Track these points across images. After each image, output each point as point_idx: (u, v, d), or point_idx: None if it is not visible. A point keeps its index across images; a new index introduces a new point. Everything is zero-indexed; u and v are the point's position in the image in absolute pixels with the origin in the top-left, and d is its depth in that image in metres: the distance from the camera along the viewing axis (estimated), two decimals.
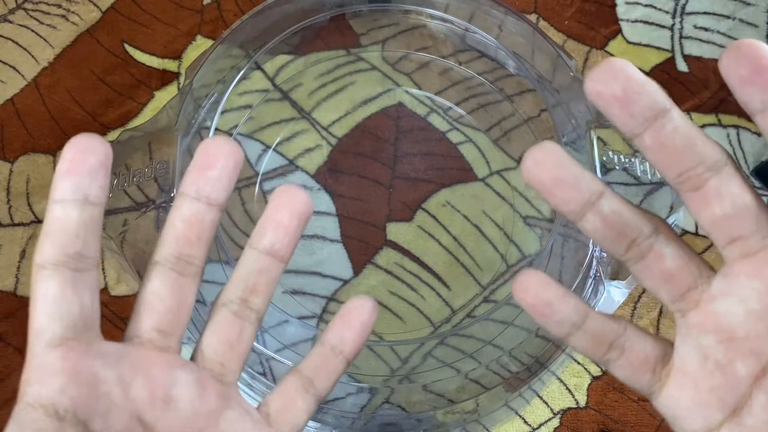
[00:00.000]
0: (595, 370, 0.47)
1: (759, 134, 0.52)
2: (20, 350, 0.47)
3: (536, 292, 0.21)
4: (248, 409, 0.24)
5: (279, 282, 0.24)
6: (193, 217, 0.22)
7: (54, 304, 0.20)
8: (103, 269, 0.49)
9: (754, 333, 0.20)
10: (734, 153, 0.52)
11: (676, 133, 0.19)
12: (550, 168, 0.20)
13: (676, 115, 0.19)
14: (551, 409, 0.46)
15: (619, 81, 0.19)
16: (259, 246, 0.23)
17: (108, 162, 0.20)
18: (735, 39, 0.55)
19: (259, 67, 0.52)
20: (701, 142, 0.20)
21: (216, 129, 0.48)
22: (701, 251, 0.49)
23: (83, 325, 0.21)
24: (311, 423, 0.43)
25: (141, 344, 0.22)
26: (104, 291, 0.48)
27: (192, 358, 0.24)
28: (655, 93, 0.19)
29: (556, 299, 0.21)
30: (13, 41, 0.55)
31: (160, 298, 0.22)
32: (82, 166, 0.20)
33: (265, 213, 0.24)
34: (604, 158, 0.45)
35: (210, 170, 0.22)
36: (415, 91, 0.52)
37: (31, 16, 0.55)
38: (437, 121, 0.51)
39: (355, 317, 0.24)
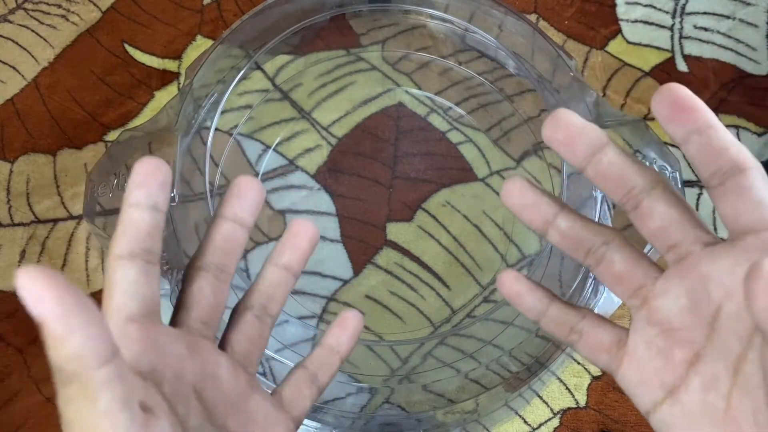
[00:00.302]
0: (595, 371, 0.47)
1: (759, 134, 0.52)
2: (20, 350, 0.47)
3: (510, 285, 0.28)
4: (267, 395, 0.28)
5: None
6: (228, 235, 0.27)
7: (133, 286, 0.23)
8: (103, 269, 0.49)
9: (687, 324, 0.24)
10: None
11: (611, 165, 0.24)
12: (515, 196, 0.26)
13: (611, 150, 0.24)
14: (551, 409, 0.46)
15: (562, 128, 0.24)
16: (278, 263, 0.29)
17: (170, 181, 0.24)
18: (735, 39, 0.55)
19: (259, 67, 0.52)
20: (633, 171, 0.24)
21: (216, 129, 0.48)
22: None
23: (152, 307, 0.24)
24: (312, 423, 0.43)
25: (189, 331, 0.26)
26: None
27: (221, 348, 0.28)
28: (591, 135, 0.24)
29: (525, 291, 0.28)
30: (13, 41, 0.55)
31: (204, 296, 0.27)
32: (153, 180, 0.24)
33: (284, 237, 0.29)
34: None
35: (244, 199, 0.27)
36: (415, 91, 0.52)
37: (31, 16, 0.56)
38: (437, 121, 0.51)
39: (350, 323, 0.30)
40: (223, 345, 0.28)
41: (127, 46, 0.54)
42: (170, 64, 0.54)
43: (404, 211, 0.49)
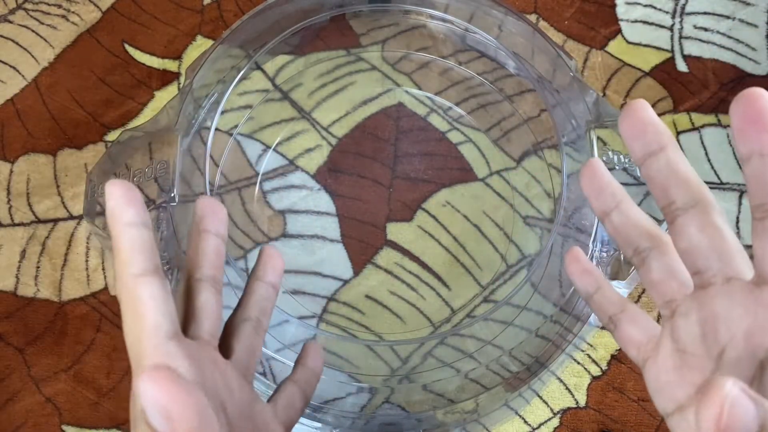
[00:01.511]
0: (595, 370, 0.47)
1: None
2: (20, 350, 0.47)
3: (575, 262, 0.30)
4: (266, 404, 0.29)
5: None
6: (217, 248, 0.29)
7: (164, 303, 0.24)
8: (103, 269, 0.49)
9: (697, 353, 0.24)
10: (734, 153, 0.52)
11: (659, 171, 0.24)
12: (589, 178, 0.27)
13: (666, 154, 0.24)
14: (551, 409, 0.46)
15: (635, 118, 0.24)
16: (264, 279, 0.32)
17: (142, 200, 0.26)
18: (735, 39, 0.55)
19: (259, 67, 0.52)
20: (676, 182, 0.24)
21: (216, 129, 0.48)
22: None
23: (177, 322, 0.25)
24: (312, 423, 0.43)
25: (206, 344, 0.27)
26: (104, 291, 0.48)
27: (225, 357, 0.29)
28: (659, 131, 0.24)
29: (583, 271, 0.30)
30: (13, 41, 0.55)
31: (212, 307, 0.28)
32: (134, 200, 0.24)
33: (262, 259, 0.32)
34: (604, 158, 0.45)
35: (218, 215, 0.30)
36: (415, 91, 0.52)
37: (31, 17, 0.56)
38: (437, 121, 0.51)
39: (318, 353, 0.34)
40: (226, 355, 0.29)
41: (127, 46, 0.54)
42: (170, 64, 0.54)
43: (404, 211, 0.49)
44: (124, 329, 0.24)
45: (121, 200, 0.24)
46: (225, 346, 0.29)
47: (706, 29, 0.56)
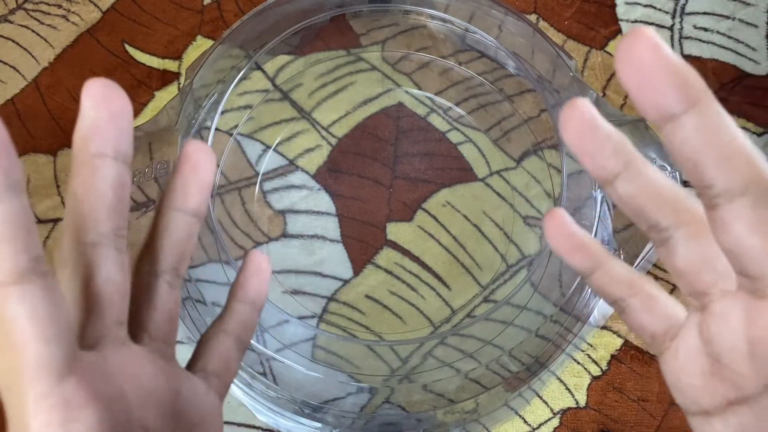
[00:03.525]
0: (595, 370, 0.47)
1: (759, 134, 0.52)
2: None
3: (556, 237, 0.24)
4: (191, 377, 0.24)
5: (278, 281, 0.28)
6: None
7: (49, 318, 0.18)
8: None
9: (735, 366, 0.19)
10: None
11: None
12: (574, 126, 0.19)
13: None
14: (551, 409, 0.46)
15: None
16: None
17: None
18: (735, 39, 0.55)
19: (259, 67, 0.52)
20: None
21: (216, 129, 0.48)
22: None
23: (72, 332, 0.20)
24: (312, 423, 0.43)
25: (109, 342, 0.21)
26: None
27: (136, 340, 0.23)
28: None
29: (565, 248, 0.24)
30: (13, 41, 0.55)
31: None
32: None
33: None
34: None
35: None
36: (415, 91, 0.52)
37: (31, 17, 0.56)
38: (437, 121, 0.51)
39: (263, 266, 0.28)
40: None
41: (127, 46, 0.54)
42: (170, 64, 0.54)
43: (404, 211, 0.49)
44: None
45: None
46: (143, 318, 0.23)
47: (706, 29, 0.56)
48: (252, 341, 0.38)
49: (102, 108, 0.20)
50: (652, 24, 0.56)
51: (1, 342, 0.16)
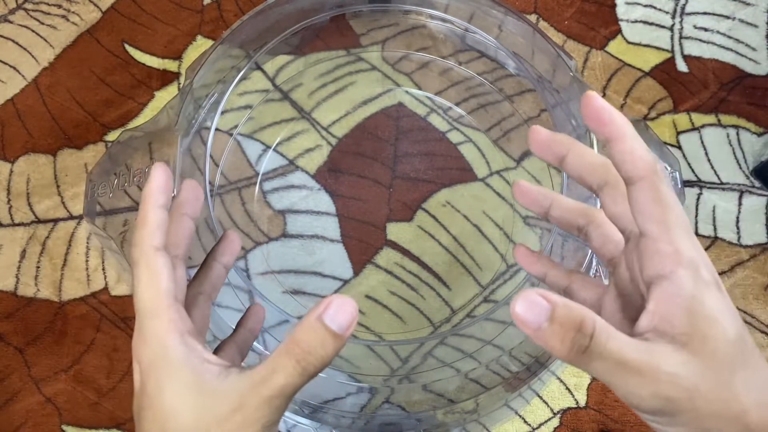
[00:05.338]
0: None
1: (759, 134, 0.52)
2: (20, 350, 0.47)
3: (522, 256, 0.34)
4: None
5: (278, 281, 0.31)
6: (191, 231, 0.32)
7: (171, 273, 0.28)
8: (103, 269, 0.49)
9: (629, 291, 0.28)
10: (734, 153, 0.52)
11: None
12: (522, 196, 0.32)
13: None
14: (551, 409, 0.46)
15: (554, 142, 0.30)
16: (221, 261, 0.34)
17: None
18: (735, 39, 0.55)
19: (259, 67, 0.52)
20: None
21: (216, 129, 0.48)
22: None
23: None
24: (312, 423, 0.43)
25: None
26: (104, 291, 0.48)
27: None
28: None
29: (533, 261, 0.34)
30: (13, 41, 0.55)
31: (183, 281, 0.30)
32: (169, 188, 0.29)
33: (222, 241, 0.35)
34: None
35: (199, 201, 0.33)
36: (415, 91, 0.52)
37: (31, 17, 0.56)
38: (437, 121, 0.51)
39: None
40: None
41: (127, 46, 0.54)
42: (170, 64, 0.54)
43: (404, 211, 0.49)
44: (137, 288, 0.27)
45: (161, 185, 0.28)
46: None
47: (706, 29, 0.56)
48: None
49: (192, 197, 0.33)
50: (652, 24, 0.56)
51: (149, 276, 0.27)
